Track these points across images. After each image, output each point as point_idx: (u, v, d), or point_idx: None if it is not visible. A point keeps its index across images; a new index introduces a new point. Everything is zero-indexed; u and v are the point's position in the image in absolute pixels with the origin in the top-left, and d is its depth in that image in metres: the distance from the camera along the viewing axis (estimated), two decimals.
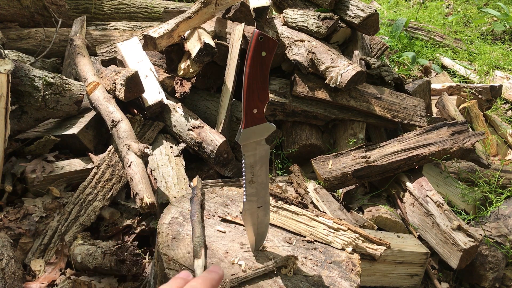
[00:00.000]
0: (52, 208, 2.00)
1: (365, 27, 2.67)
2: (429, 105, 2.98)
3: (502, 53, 4.46)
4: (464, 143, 2.28)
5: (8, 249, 1.68)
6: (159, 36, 2.33)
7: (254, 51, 0.93)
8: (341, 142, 2.47)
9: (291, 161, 2.43)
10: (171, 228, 1.23)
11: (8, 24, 3.14)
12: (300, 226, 1.33)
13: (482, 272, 1.98)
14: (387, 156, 2.22)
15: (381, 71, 2.62)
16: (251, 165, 1.08)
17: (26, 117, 2.20)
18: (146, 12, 3.59)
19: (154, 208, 1.77)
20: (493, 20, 5.14)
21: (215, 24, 2.67)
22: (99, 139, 2.37)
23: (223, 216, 1.31)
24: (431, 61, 4.17)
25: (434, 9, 5.46)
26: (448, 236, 1.94)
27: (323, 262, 1.20)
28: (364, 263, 1.73)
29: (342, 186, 2.22)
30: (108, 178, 2.05)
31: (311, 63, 2.44)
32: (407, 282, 1.93)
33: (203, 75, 2.50)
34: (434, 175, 2.36)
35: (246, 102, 0.99)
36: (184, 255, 1.14)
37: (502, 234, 2.09)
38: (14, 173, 2.09)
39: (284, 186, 2.15)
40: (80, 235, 1.85)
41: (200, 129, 2.22)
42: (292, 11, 2.72)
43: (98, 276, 1.75)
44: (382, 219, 2.06)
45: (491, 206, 2.30)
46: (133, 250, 1.72)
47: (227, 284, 1.05)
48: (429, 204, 2.07)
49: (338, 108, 2.48)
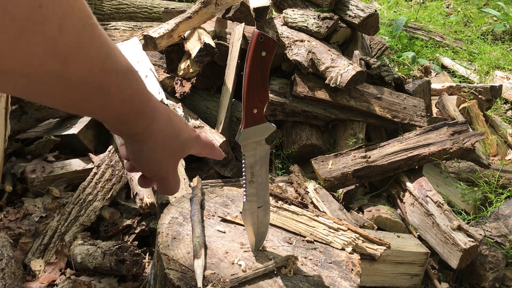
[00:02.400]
0: (52, 208, 2.00)
1: (365, 27, 2.67)
2: (429, 105, 2.97)
3: (502, 53, 4.46)
4: (464, 143, 2.28)
5: (8, 249, 1.68)
6: (159, 36, 2.33)
7: (254, 51, 0.93)
8: (341, 142, 2.47)
9: (291, 161, 2.43)
10: (171, 228, 1.23)
11: None
12: (300, 226, 1.33)
13: (482, 272, 1.98)
14: (387, 156, 2.22)
15: (381, 71, 2.62)
16: (251, 165, 1.08)
17: (26, 117, 2.20)
18: (146, 12, 3.59)
19: (154, 208, 1.77)
20: (493, 20, 5.14)
21: (215, 24, 2.67)
22: (99, 139, 2.37)
23: (223, 216, 1.31)
24: (431, 61, 4.17)
25: (434, 9, 5.46)
26: (448, 236, 1.94)
27: (323, 262, 1.20)
28: (364, 263, 1.73)
29: (342, 186, 2.22)
30: (108, 178, 2.05)
31: (311, 63, 2.44)
32: (407, 282, 1.93)
33: (203, 75, 2.50)
34: (434, 175, 2.36)
35: (246, 102, 0.99)
36: (184, 255, 1.14)
37: (502, 234, 2.09)
38: (14, 173, 2.09)
39: (284, 186, 2.15)
40: (80, 235, 1.85)
41: (200, 129, 2.22)
42: (292, 11, 2.72)
43: (98, 276, 1.75)
44: (382, 219, 2.06)
45: (491, 206, 2.30)
46: (133, 250, 1.72)
47: (227, 284, 1.05)
48: (429, 204, 2.07)
49: (338, 108, 2.48)
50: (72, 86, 0.50)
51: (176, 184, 0.79)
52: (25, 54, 0.42)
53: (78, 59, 0.48)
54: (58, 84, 0.48)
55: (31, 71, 0.44)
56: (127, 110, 0.60)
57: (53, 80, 0.47)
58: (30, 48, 0.42)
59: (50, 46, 0.44)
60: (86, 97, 0.53)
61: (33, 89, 0.48)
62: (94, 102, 0.55)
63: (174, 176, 0.77)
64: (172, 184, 0.78)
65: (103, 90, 0.54)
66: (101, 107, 0.56)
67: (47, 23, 0.42)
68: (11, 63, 0.42)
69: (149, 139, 0.67)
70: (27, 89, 0.48)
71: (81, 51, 0.48)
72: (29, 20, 0.40)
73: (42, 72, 0.45)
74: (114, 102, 0.57)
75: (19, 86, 0.47)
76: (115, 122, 0.62)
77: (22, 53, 0.42)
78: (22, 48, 0.42)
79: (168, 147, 0.72)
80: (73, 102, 0.53)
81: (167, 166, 0.74)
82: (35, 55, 0.43)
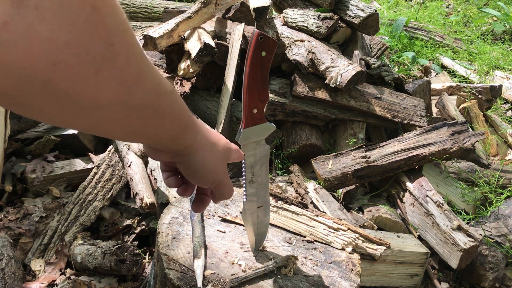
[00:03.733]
0: (52, 208, 2.00)
1: (365, 27, 2.67)
2: (429, 105, 2.97)
3: (502, 53, 4.46)
4: (464, 143, 2.28)
5: (8, 249, 1.68)
6: (159, 36, 2.33)
7: (254, 51, 0.93)
8: (341, 142, 2.47)
9: (291, 161, 2.43)
10: (171, 228, 1.23)
11: None
12: (300, 226, 1.33)
13: (482, 272, 1.98)
14: (387, 156, 2.22)
15: (381, 71, 2.62)
16: (251, 165, 1.08)
17: (26, 117, 2.20)
18: (146, 12, 3.59)
19: (154, 208, 1.77)
20: (493, 20, 5.14)
21: (215, 24, 2.67)
22: (99, 139, 2.37)
23: (223, 216, 1.31)
24: (431, 61, 4.17)
25: (434, 9, 5.46)
26: (448, 236, 1.94)
27: (323, 262, 1.20)
28: (364, 263, 1.73)
29: (342, 186, 2.22)
30: (108, 178, 2.05)
31: (311, 63, 2.44)
32: (407, 282, 1.93)
33: (203, 75, 2.50)
34: (434, 175, 2.36)
35: (246, 102, 0.99)
36: (184, 255, 1.14)
37: (502, 234, 2.09)
38: (14, 173, 2.09)
39: (284, 186, 2.15)
40: (80, 235, 1.85)
41: None
42: (292, 11, 2.72)
43: (98, 276, 1.75)
44: (382, 219, 2.06)
45: (491, 206, 2.30)
46: (133, 250, 1.72)
47: (227, 284, 1.05)
48: (429, 204, 2.07)
49: (338, 108, 2.48)
50: (133, 112, 0.54)
51: (231, 186, 0.86)
52: (101, 87, 0.47)
53: (140, 87, 0.52)
54: (123, 113, 0.53)
55: (103, 103, 0.49)
56: (177, 127, 0.65)
57: (120, 110, 0.52)
58: (105, 82, 0.47)
59: (120, 78, 0.48)
60: (145, 121, 0.57)
61: (102, 120, 0.52)
62: (151, 125, 0.59)
63: (228, 179, 0.84)
64: (228, 186, 0.84)
65: (159, 112, 0.58)
66: (157, 128, 0.61)
67: (118, 58, 0.47)
68: (89, 97, 0.47)
69: (199, 149, 0.73)
70: (97, 120, 0.51)
71: (142, 79, 0.52)
72: (104, 58, 0.45)
73: (112, 103, 0.50)
74: (167, 121, 0.62)
75: (91, 118, 0.50)
76: (167, 141, 0.67)
77: (98, 86, 0.47)
78: (99, 82, 0.46)
79: (216, 153, 0.79)
80: (133, 128, 0.58)
81: (221, 170, 0.81)
82: (108, 87, 0.48)
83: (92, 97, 0.47)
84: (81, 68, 0.43)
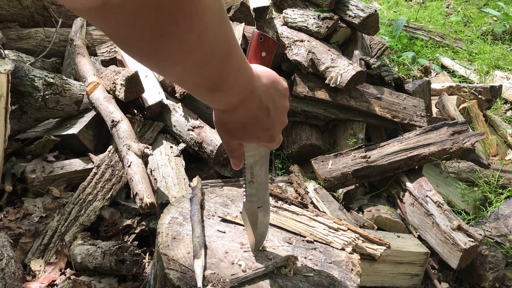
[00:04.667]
0: (52, 208, 2.00)
1: (365, 27, 2.67)
2: (429, 105, 2.98)
3: (502, 53, 4.46)
4: (464, 143, 2.28)
5: (8, 249, 1.68)
6: None
7: (254, 51, 0.93)
8: (341, 142, 2.47)
9: (291, 161, 2.43)
10: (171, 228, 1.23)
11: (8, 24, 3.14)
12: (300, 226, 1.33)
13: (482, 272, 1.98)
14: (387, 156, 2.22)
15: (381, 71, 2.62)
16: (251, 165, 1.08)
17: (26, 117, 2.20)
18: None
19: (154, 208, 1.77)
20: (493, 20, 5.14)
21: None
22: (99, 139, 2.37)
23: (223, 216, 1.31)
24: (431, 61, 4.17)
25: (434, 9, 5.46)
26: (448, 236, 1.94)
27: (323, 262, 1.20)
28: (364, 263, 1.73)
29: (342, 186, 2.22)
30: (108, 178, 2.04)
31: (311, 63, 2.44)
32: (407, 282, 1.93)
33: None
34: (434, 175, 2.36)
35: None
36: (184, 255, 1.14)
37: (502, 234, 2.09)
38: (14, 173, 2.09)
39: (284, 186, 2.15)
40: (80, 235, 1.85)
41: (200, 129, 2.22)
42: (292, 11, 2.72)
43: (98, 276, 1.75)
44: (382, 219, 2.06)
45: (491, 206, 2.30)
46: (133, 250, 1.72)
47: (227, 284, 1.05)
48: (429, 204, 2.07)
49: (338, 108, 2.48)
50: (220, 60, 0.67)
51: (281, 137, 0.93)
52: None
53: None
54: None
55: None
56: (236, 67, 0.72)
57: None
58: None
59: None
60: (223, 62, 0.68)
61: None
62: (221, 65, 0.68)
63: (282, 124, 0.90)
64: (280, 134, 0.92)
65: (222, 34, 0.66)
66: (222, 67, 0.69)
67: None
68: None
69: (254, 92, 0.79)
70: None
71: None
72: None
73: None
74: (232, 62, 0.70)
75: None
76: (232, 74, 0.73)
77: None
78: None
79: (273, 92, 0.84)
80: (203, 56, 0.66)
81: (278, 112, 0.86)
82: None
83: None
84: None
